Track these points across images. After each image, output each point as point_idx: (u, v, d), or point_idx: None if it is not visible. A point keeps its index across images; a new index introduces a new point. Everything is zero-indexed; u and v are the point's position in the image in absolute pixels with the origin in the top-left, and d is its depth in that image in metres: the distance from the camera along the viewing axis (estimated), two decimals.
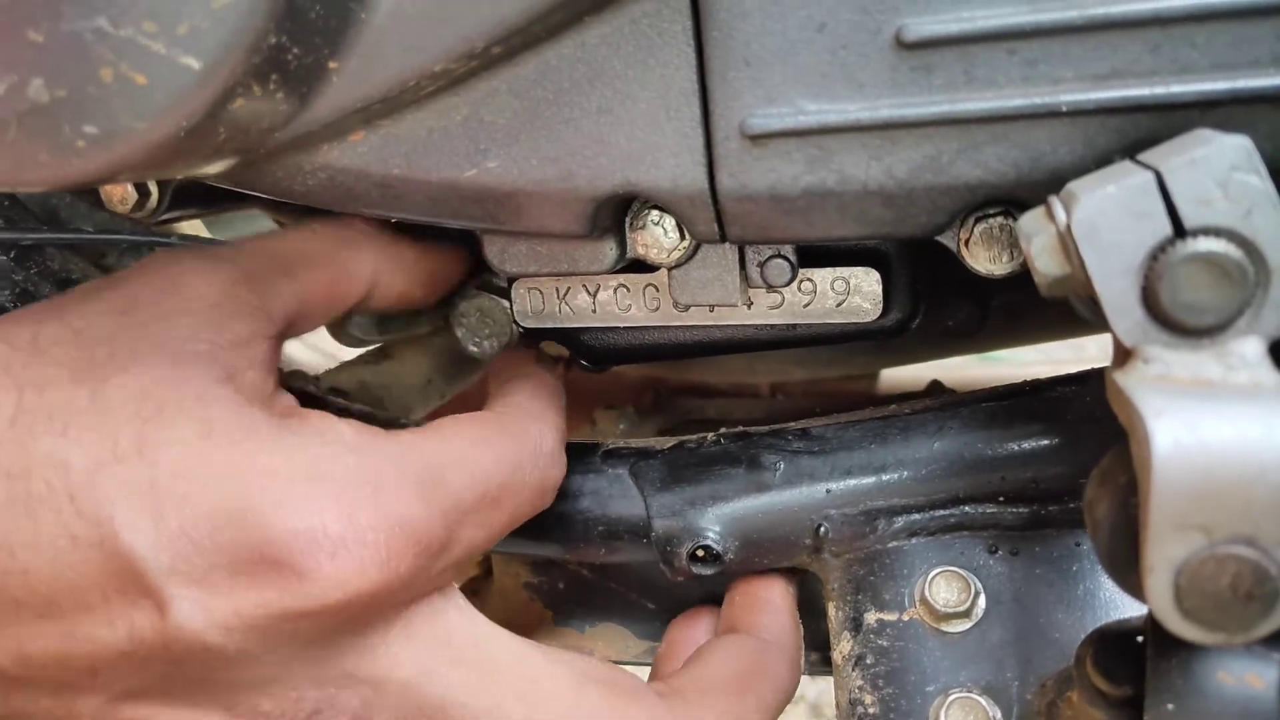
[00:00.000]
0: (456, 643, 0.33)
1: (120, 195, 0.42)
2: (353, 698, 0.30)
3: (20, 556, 0.27)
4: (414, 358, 0.57)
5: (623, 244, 0.36)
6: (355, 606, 0.29)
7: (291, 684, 0.30)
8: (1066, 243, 0.27)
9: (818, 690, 1.33)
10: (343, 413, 0.35)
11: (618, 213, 0.35)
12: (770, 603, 0.41)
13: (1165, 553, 0.24)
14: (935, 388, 0.64)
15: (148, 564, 0.27)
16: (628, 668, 0.38)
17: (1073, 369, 0.41)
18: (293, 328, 0.36)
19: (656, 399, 0.69)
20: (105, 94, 0.26)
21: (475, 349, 0.46)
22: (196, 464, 0.29)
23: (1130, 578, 0.26)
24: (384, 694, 0.31)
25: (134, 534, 0.27)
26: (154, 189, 0.43)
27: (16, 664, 0.28)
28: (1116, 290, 0.26)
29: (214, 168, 0.32)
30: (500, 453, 0.35)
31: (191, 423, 0.29)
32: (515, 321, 0.44)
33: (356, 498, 0.30)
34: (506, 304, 0.44)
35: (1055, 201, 0.27)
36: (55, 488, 0.27)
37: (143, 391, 0.29)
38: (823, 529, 0.40)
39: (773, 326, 0.42)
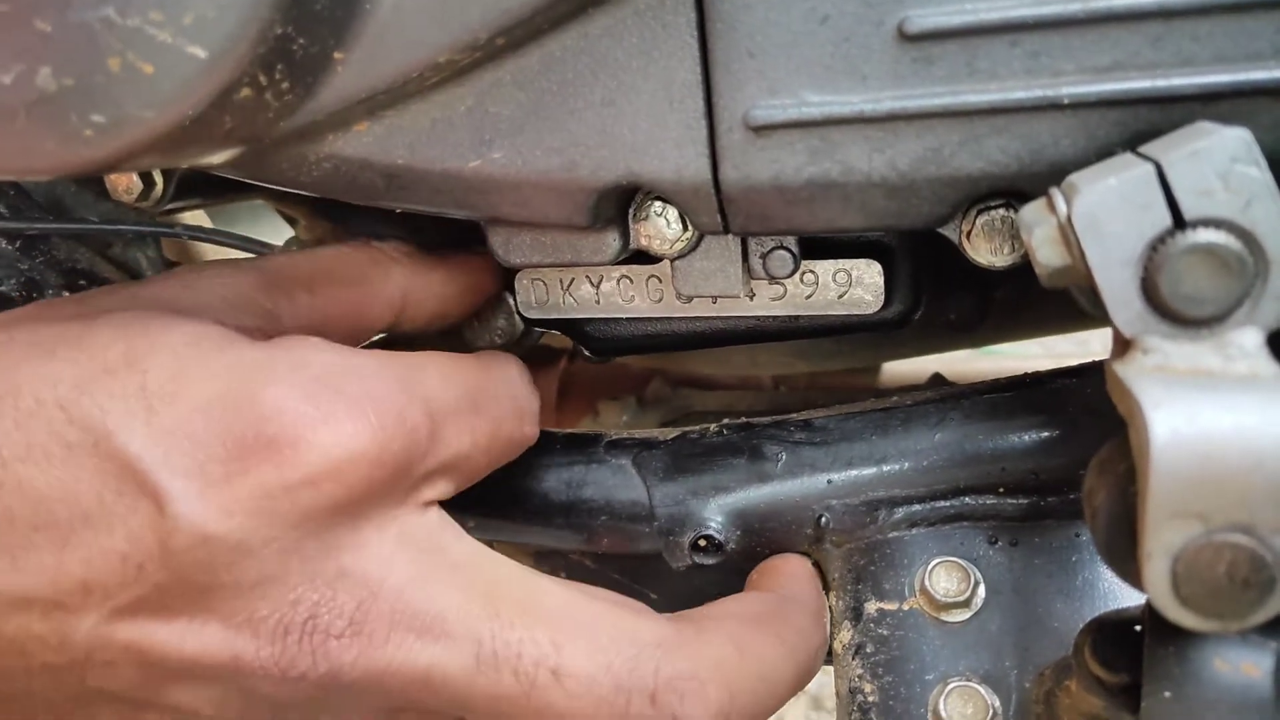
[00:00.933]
0: (453, 555, 0.33)
1: (125, 185, 0.43)
2: (349, 600, 0.30)
3: (13, 468, 0.27)
4: (417, 348, 0.57)
5: (626, 235, 0.36)
6: (350, 477, 0.29)
7: (288, 583, 0.29)
8: (1067, 234, 0.27)
9: (818, 683, 1.33)
10: None
11: (621, 204, 0.35)
12: (790, 571, 0.41)
13: (1162, 540, 0.24)
14: (937, 381, 0.64)
15: (144, 461, 0.27)
16: None
17: (1075, 363, 0.41)
18: None
19: (659, 391, 0.69)
20: (113, 83, 0.26)
21: (479, 340, 0.46)
22: (185, 366, 0.29)
23: (1128, 566, 0.26)
24: (380, 598, 0.30)
25: (128, 434, 0.28)
26: (159, 178, 0.43)
27: (8, 581, 0.28)
28: (1116, 281, 0.26)
29: (219, 157, 0.32)
30: (469, 365, 0.36)
31: (179, 335, 0.30)
32: (518, 313, 0.44)
33: (342, 381, 0.30)
34: (509, 295, 0.44)
35: (1056, 193, 0.27)
36: (45, 400, 0.28)
37: (131, 318, 0.30)
38: (824, 519, 0.40)
39: (775, 318, 0.42)
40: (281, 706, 0.31)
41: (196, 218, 0.59)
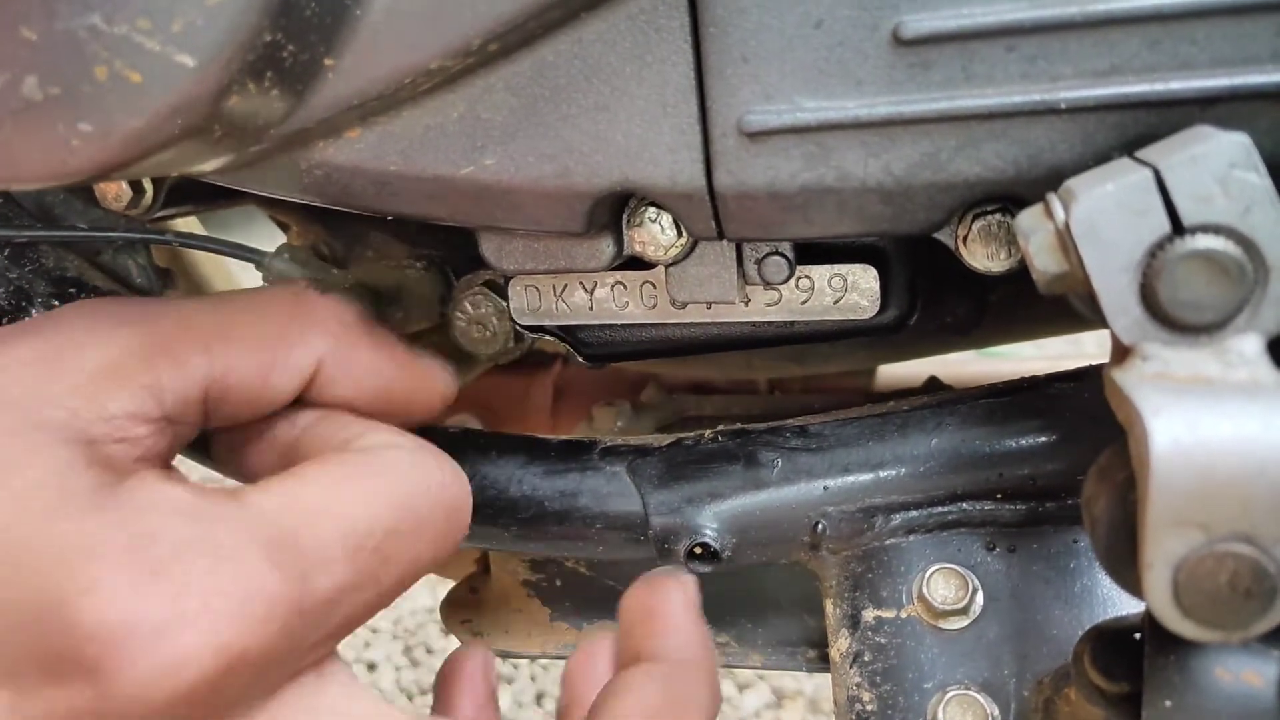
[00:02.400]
0: None
1: (115, 192, 0.42)
2: None
3: None
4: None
5: (620, 241, 0.36)
6: (189, 702, 0.25)
7: None
8: (1065, 240, 0.27)
9: (814, 686, 1.33)
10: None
11: (615, 210, 0.35)
12: (670, 618, 0.36)
13: (1164, 550, 0.24)
14: (933, 384, 0.64)
15: None
16: None
17: (1071, 365, 0.41)
18: (207, 410, 0.32)
19: (654, 396, 0.69)
20: (100, 92, 0.26)
21: (472, 347, 0.46)
22: (5, 546, 0.25)
23: (1128, 575, 0.26)
24: None
25: None
26: (149, 186, 0.42)
27: None
28: (1115, 288, 0.26)
29: (209, 165, 0.32)
30: (372, 494, 0.30)
31: (7, 494, 0.26)
32: (512, 319, 0.44)
33: (187, 572, 0.26)
34: (503, 301, 0.44)
35: (1054, 199, 0.27)
36: None
37: None
38: (820, 526, 0.40)
39: (770, 324, 0.42)
40: None
41: (189, 223, 0.59)
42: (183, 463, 0.35)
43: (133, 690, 0.25)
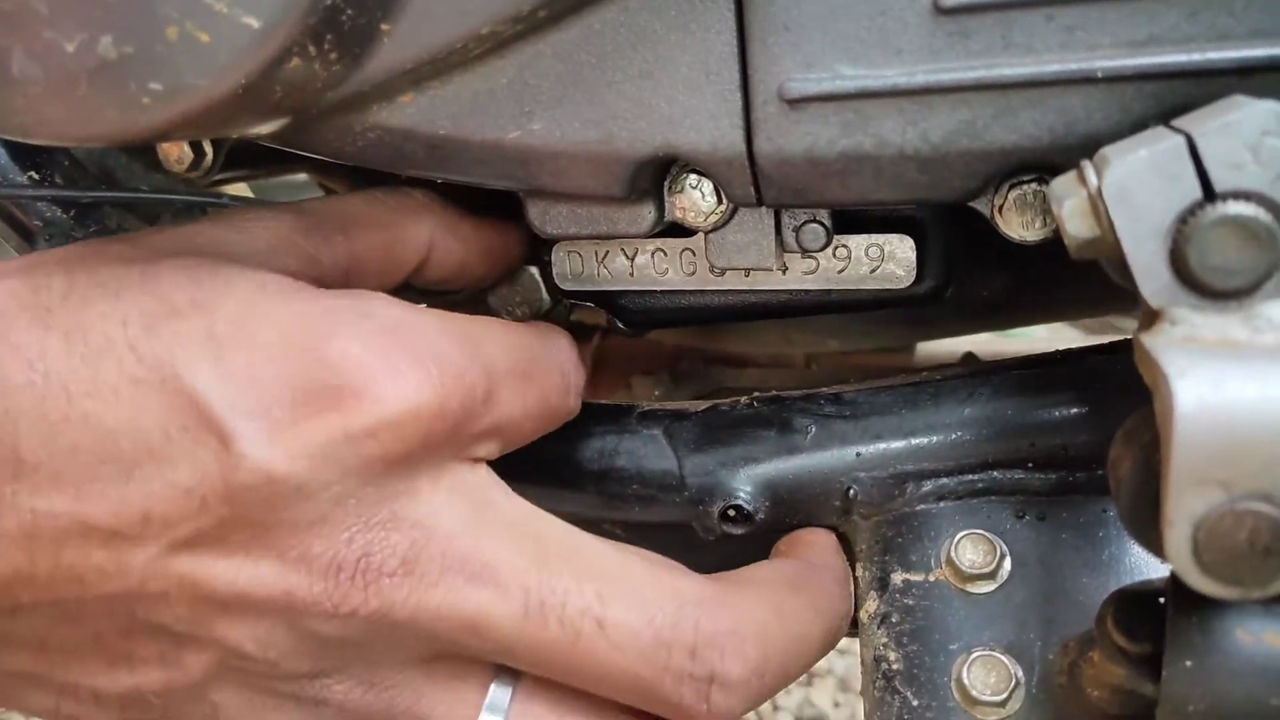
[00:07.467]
0: (502, 510, 0.34)
1: (177, 155, 0.44)
2: (402, 540, 0.31)
3: (79, 403, 0.28)
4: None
5: (661, 207, 0.37)
6: (410, 430, 0.30)
7: (343, 524, 0.30)
8: (1097, 205, 0.27)
9: (845, 665, 1.33)
10: None
11: (657, 176, 0.36)
12: (817, 542, 0.41)
13: (1184, 508, 0.24)
14: (969, 360, 0.64)
15: (211, 400, 0.28)
16: None
17: (1107, 340, 0.41)
18: (346, 285, 0.37)
19: (692, 367, 0.70)
20: (170, 51, 0.27)
21: (507, 316, 0.47)
22: (253, 312, 0.30)
23: (1150, 534, 0.26)
24: (432, 540, 0.31)
25: (196, 374, 0.28)
26: (209, 149, 0.44)
27: (72, 510, 0.28)
28: (1145, 252, 0.26)
29: (268, 127, 0.33)
30: (526, 334, 0.37)
31: (245, 282, 0.31)
32: (547, 288, 0.45)
33: (406, 335, 0.31)
34: (536, 271, 0.45)
35: (1087, 165, 0.28)
36: (114, 339, 0.29)
37: (195, 263, 0.31)
38: (852, 491, 0.41)
39: (807, 292, 0.42)
40: (327, 645, 0.31)
41: (240, 190, 0.61)
42: None
43: (375, 406, 0.30)
